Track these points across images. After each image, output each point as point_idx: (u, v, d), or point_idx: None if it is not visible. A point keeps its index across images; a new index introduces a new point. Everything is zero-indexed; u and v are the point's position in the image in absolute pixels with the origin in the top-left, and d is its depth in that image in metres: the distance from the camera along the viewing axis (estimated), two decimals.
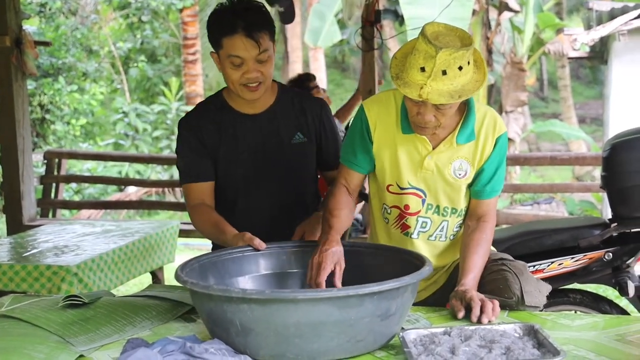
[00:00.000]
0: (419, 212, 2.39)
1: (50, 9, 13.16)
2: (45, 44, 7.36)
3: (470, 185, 2.38)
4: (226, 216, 2.48)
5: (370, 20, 5.19)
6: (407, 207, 2.39)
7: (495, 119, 2.34)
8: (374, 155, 2.37)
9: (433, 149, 2.31)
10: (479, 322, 1.97)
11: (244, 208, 2.60)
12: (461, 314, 2.03)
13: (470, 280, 2.20)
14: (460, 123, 2.30)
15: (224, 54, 2.42)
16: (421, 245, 2.40)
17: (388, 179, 2.39)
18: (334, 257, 2.16)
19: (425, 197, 2.37)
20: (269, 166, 2.58)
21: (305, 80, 5.12)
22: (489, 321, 1.97)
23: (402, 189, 2.38)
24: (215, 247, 2.55)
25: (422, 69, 2.05)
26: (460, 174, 2.34)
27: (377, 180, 2.43)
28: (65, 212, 9.73)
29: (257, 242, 2.26)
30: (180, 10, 13.26)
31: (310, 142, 2.63)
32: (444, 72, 2.04)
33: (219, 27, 2.42)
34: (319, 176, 2.78)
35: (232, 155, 2.56)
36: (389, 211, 2.44)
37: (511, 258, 2.40)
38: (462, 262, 2.28)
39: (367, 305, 1.75)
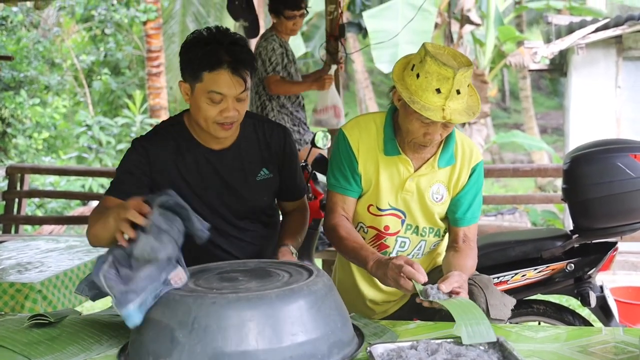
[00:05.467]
0: (398, 232, 2.43)
1: (11, 22, 12.98)
2: (7, 58, 7.27)
3: (448, 212, 2.43)
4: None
5: (335, 35, 5.23)
6: (387, 227, 2.43)
7: (472, 148, 2.40)
8: (361, 173, 2.39)
9: (415, 171, 2.36)
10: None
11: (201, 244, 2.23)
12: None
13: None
14: (441, 146, 2.35)
15: (202, 87, 2.24)
16: None
17: (368, 199, 2.43)
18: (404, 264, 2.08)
19: (405, 217, 2.41)
20: (232, 203, 2.46)
21: None
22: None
23: (380, 210, 2.41)
24: None
25: (438, 91, 2.09)
26: (437, 198, 2.39)
27: (359, 199, 2.45)
28: (28, 227, 9.57)
29: None
30: (144, 23, 13.13)
31: (274, 177, 2.53)
32: (458, 92, 2.10)
33: (201, 60, 2.22)
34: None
35: (196, 191, 2.42)
36: (365, 230, 2.46)
37: (476, 272, 2.44)
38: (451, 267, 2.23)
39: None
